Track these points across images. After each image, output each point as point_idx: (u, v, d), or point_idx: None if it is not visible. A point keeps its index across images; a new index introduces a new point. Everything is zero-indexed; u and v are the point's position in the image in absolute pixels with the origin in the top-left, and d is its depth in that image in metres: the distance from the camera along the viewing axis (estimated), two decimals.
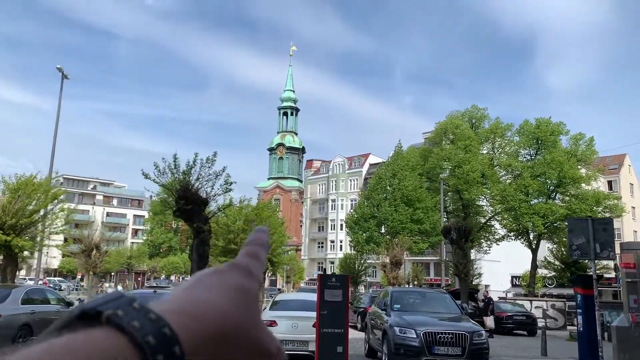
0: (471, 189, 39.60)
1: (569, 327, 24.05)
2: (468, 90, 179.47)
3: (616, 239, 12.34)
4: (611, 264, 39.27)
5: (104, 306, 0.35)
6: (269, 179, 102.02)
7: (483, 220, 42.44)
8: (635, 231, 73.56)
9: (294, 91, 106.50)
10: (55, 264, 73.03)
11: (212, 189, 9.05)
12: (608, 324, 16.55)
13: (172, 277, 73.54)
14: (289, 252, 30.76)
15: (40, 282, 51.69)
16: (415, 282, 43.34)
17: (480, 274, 43.34)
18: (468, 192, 39.78)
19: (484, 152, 42.78)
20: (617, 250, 23.58)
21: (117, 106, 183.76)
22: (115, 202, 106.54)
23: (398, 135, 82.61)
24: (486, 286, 47.99)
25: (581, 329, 9.58)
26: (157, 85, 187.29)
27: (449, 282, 41.09)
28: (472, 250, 39.34)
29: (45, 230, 14.18)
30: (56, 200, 13.78)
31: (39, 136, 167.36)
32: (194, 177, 8.56)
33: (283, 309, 10.66)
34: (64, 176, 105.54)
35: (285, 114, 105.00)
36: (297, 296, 12.49)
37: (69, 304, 10.42)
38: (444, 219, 39.67)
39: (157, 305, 0.37)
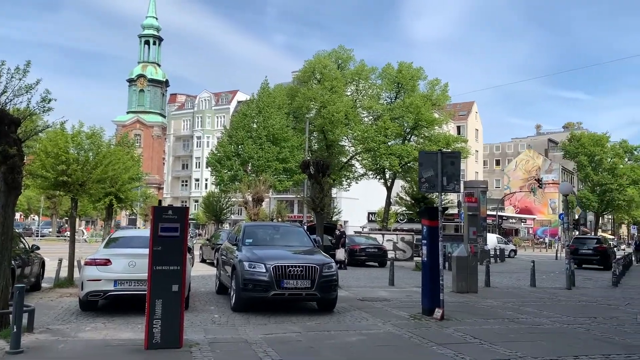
0: (335, 130, 40.22)
1: (415, 258, 25.78)
2: (340, 35, 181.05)
3: (461, 179, 13.00)
4: (455, 200, 43.00)
5: None
6: (128, 112, 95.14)
7: (345, 160, 43.67)
8: (477, 172, 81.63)
9: (157, 18, 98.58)
10: None
11: (27, 106, 7.52)
12: (449, 255, 17.82)
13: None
14: (141, 189, 28.82)
15: None
16: (279, 219, 43.91)
17: (339, 210, 45.10)
18: (332, 133, 40.39)
19: (348, 93, 43.41)
20: (462, 188, 25.41)
21: None
22: None
23: (268, 73, 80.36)
24: (345, 222, 50.25)
25: (425, 259, 9.90)
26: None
27: (311, 218, 42.03)
28: (333, 189, 40.47)
29: None
30: None
31: None
32: None
33: (120, 246, 9.64)
34: None
35: (147, 42, 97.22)
36: (139, 232, 11.47)
37: None
38: (308, 158, 40.03)
39: None
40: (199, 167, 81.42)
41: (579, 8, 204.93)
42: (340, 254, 20.39)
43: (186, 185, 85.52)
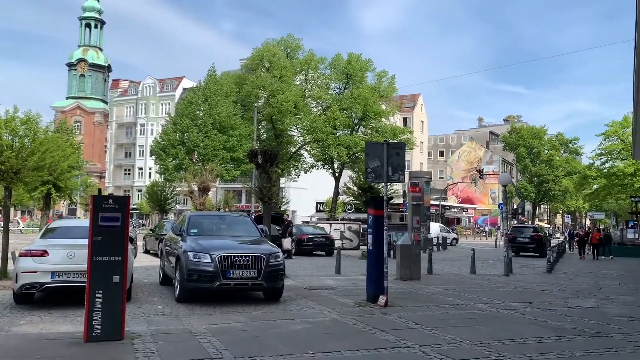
0: (284, 119, 40.05)
1: (361, 247, 26.14)
2: (289, 23, 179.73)
3: (406, 169, 13.28)
4: (400, 190, 43.84)
5: None
6: (67, 98, 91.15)
7: (293, 150, 43.61)
8: (422, 163, 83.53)
9: (98, 0, 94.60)
10: None
11: None
12: (394, 243, 18.19)
13: None
14: (81, 177, 27.73)
15: None
16: (226, 209, 43.41)
17: (288, 200, 45.12)
18: (281, 122, 40.20)
19: (297, 83, 43.28)
20: (407, 178, 25.90)
21: None
22: None
23: (216, 61, 78.50)
24: (293, 212, 50.34)
25: (370, 247, 10.07)
26: None
27: (259, 208, 41.90)
28: (281, 179, 40.37)
29: None
30: None
31: None
32: None
33: (58, 236, 9.27)
34: None
35: (87, 25, 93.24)
36: (78, 222, 11.08)
37: None
38: (256, 147, 39.69)
39: None
40: (143, 155, 79.19)
41: (518, 4, 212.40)
42: (287, 243, 20.44)
43: (129, 174, 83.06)
